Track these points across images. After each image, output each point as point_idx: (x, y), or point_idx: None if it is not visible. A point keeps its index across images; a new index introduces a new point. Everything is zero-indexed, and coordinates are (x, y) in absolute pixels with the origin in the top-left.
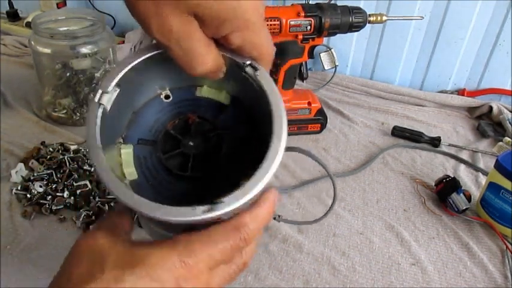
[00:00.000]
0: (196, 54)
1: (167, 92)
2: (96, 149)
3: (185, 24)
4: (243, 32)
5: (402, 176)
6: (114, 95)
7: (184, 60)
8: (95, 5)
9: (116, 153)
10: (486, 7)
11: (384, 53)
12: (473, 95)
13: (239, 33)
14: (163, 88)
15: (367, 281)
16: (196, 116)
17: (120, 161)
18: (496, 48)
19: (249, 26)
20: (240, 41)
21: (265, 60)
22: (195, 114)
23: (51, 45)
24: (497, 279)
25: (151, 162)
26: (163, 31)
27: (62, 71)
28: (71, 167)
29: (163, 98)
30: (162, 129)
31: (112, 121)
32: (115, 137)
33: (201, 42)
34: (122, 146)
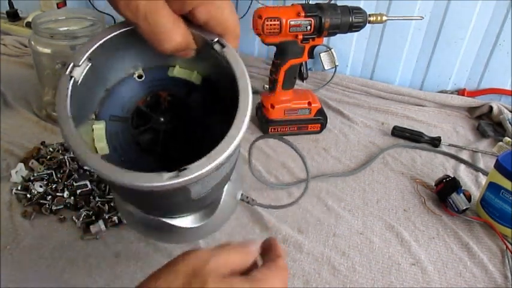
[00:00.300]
0: (164, 30)
1: (140, 71)
2: (67, 120)
3: (151, 1)
4: (207, 6)
5: (402, 176)
6: (86, 69)
7: (153, 37)
8: (95, 5)
9: (88, 129)
10: (486, 7)
11: (384, 53)
12: (473, 95)
13: (203, 7)
14: (137, 68)
15: (367, 281)
16: (167, 94)
17: (92, 136)
18: (496, 48)
19: (213, 1)
20: (204, 16)
21: (231, 36)
22: (166, 92)
23: (51, 45)
24: (497, 279)
25: (122, 138)
26: (131, 8)
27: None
28: (71, 167)
29: (136, 77)
30: (134, 107)
31: (84, 97)
32: (87, 113)
33: (168, 18)
34: (94, 122)
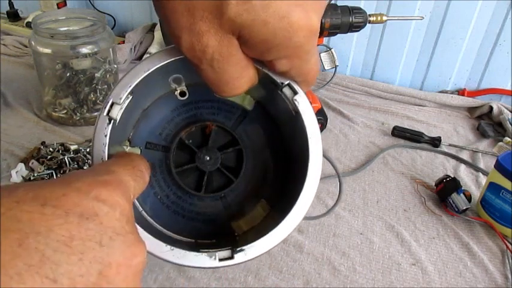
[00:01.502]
0: (231, 79)
1: (183, 88)
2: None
3: (224, 46)
4: (292, 59)
5: (402, 176)
6: (126, 104)
7: (215, 83)
8: (95, 5)
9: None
10: (486, 7)
11: (384, 53)
12: (474, 95)
13: (287, 60)
14: (179, 83)
15: (368, 281)
16: (215, 125)
17: None
18: (496, 48)
19: (300, 55)
20: (286, 68)
21: (307, 84)
22: (214, 123)
23: (51, 45)
24: (497, 279)
25: (160, 172)
26: (196, 50)
27: (62, 71)
28: (71, 167)
29: (178, 95)
30: (174, 135)
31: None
32: (121, 139)
33: (238, 66)
34: (127, 149)
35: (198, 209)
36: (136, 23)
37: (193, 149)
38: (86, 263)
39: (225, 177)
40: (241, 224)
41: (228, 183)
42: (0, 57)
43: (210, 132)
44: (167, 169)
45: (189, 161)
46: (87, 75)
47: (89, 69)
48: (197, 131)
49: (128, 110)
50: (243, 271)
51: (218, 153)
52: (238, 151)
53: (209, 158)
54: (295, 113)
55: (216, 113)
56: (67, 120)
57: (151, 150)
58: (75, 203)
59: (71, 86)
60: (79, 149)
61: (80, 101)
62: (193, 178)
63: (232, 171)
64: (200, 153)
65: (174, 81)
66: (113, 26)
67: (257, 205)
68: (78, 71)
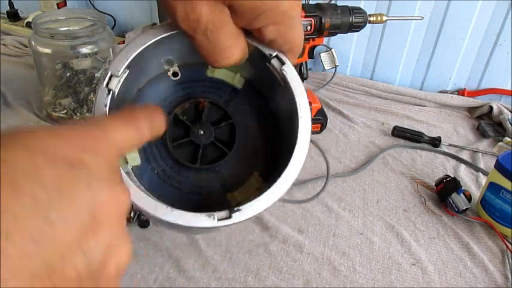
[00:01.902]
0: (224, 47)
1: (175, 68)
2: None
3: (216, 14)
4: (279, 26)
5: (402, 176)
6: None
7: (209, 53)
8: (95, 5)
9: None
10: (486, 7)
11: (384, 53)
12: (474, 95)
13: (274, 27)
14: (171, 64)
15: (368, 281)
16: (208, 101)
17: None
18: (496, 48)
19: (286, 21)
20: (274, 35)
21: (293, 54)
22: (207, 99)
23: (51, 45)
24: (497, 279)
25: (155, 147)
26: (190, 20)
27: (62, 71)
28: None
29: (171, 75)
30: (169, 112)
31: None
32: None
33: (230, 35)
34: None
35: (194, 182)
36: (137, 23)
37: (188, 124)
38: (77, 206)
39: (219, 150)
40: (235, 195)
41: (222, 155)
42: (0, 57)
43: (203, 108)
44: (163, 144)
45: (184, 136)
46: (87, 75)
47: (89, 69)
48: (191, 107)
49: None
50: (243, 271)
51: (211, 128)
52: (230, 125)
53: (203, 132)
54: (284, 82)
55: (208, 92)
56: (67, 120)
57: None
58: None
59: (71, 86)
60: None
61: (80, 101)
62: (188, 152)
63: (226, 144)
64: (194, 128)
65: (166, 62)
66: (113, 26)
67: (250, 177)
68: (78, 71)
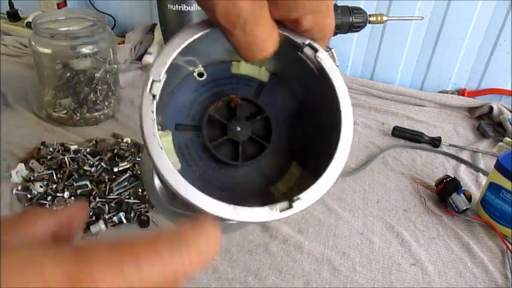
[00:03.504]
0: (260, 41)
1: (200, 69)
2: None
3: (257, 8)
4: (317, 14)
5: (402, 176)
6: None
7: (246, 47)
8: (95, 5)
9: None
10: (486, 7)
11: (384, 53)
12: (474, 95)
13: (312, 16)
14: (194, 64)
15: (368, 281)
16: (240, 98)
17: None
18: (497, 48)
19: (324, 9)
20: (311, 24)
21: (324, 41)
22: (238, 96)
23: (51, 46)
24: (497, 279)
25: (194, 150)
26: (231, 14)
27: (62, 71)
28: (71, 167)
29: (197, 76)
30: (202, 113)
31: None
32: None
33: (266, 27)
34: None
35: (236, 179)
36: (137, 23)
37: (224, 123)
38: None
39: (257, 145)
40: (278, 186)
41: (260, 149)
42: (0, 57)
43: (235, 105)
44: (201, 146)
45: (221, 134)
46: (87, 76)
47: (89, 70)
48: (223, 105)
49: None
50: (243, 271)
51: (247, 123)
52: (265, 119)
53: (240, 128)
54: (319, 71)
55: (236, 88)
56: (67, 121)
57: (182, 131)
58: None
59: (71, 86)
60: (79, 149)
61: (80, 101)
62: (227, 150)
63: (263, 137)
64: (231, 125)
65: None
66: (113, 26)
67: (290, 167)
68: (78, 71)
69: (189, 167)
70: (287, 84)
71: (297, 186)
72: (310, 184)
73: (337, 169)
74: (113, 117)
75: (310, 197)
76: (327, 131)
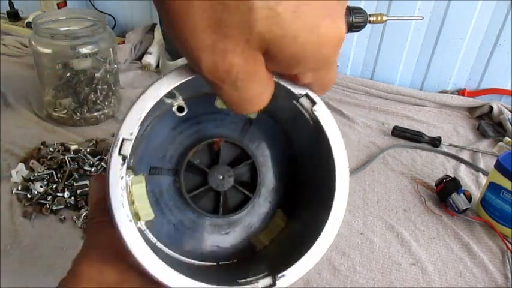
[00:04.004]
0: (254, 96)
1: (180, 102)
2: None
3: (250, 64)
4: (317, 71)
5: (402, 176)
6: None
7: (237, 102)
8: (96, 5)
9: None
10: (486, 7)
11: (384, 53)
12: (474, 95)
13: (312, 73)
14: (174, 97)
15: (368, 281)
16: (223, 140)
17: (132, 199)
18: (497, 48)
19: (326, 66)
20: (310, 80)
21: (324, 92)
22: (221, 138)
23: (51, 46)
24: (497, 279)
25: (169, 197)
26: (219, 70)
27: (63, 71)
28: (72, 167)
29: (176, 110)
30: (180, 155)
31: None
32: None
33: (261, 82)
34: (131, 179)
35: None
36: (137, 23)
37: (204, 170)
38: None
39: (241, 194)
40: (260, 238)
41: (244, 199)
42: (0, 57)
43: (218, 149)
44: (177, 193)
45: (201, 183)
46: (87, 75)
47: (89, 69)
48: (204, 149)
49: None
50: None
51: (231, 170)
52: (250, 165)
53: (222, 176)
54: (314, 122)
55: (219, 126)
56: (67, 120)
57: (157, 176)
58: None
59: (71, 86)
60: (79, 149)
61: (80, 101)
62: (207, 200)
63: (247, 186)
64: (212, 173)
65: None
66: (113, 26)
67: (274, 216)
68: (78, 71)
69: (164, 215)
70: (277, 123)
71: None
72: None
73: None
74: (113, 117)
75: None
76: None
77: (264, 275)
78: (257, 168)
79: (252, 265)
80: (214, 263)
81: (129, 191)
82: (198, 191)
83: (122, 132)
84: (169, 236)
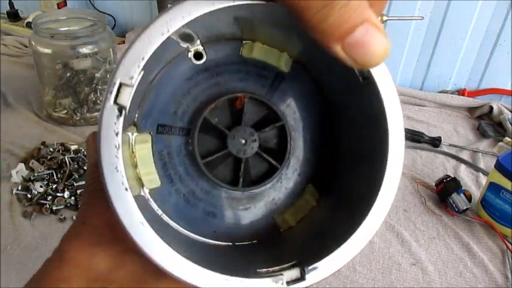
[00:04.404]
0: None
1: (198, 47)
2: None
3: None
4: None
5: (403, 176)
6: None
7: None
8: (96, 5)
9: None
10: (486, 7)
11: None
12: (474, 95)
13: None
14: (191, 40)
15: (368, 281)
16: (248, 96)
17: (134, 161)
18: (497, 48)
19: None
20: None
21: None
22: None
23: (51, 46)
24: (497, 279)
25: (179, 162)
26: None
27: (63, 71)
28: (72, 167)
29: (193, 57)
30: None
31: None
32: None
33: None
34: (135, 138)
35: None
36: (137, 23)
37: (223, 131)
38: None
39: (265, 163)
40: (286, 217)
41: (270, 169)
42: (0, 57)
43: (241, 107)
44: (189, 158)
45: (218, 147)
46: (88, 75)
47: (89, 69)
48: (224, 105)
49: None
50: None
51: (255, 134)
52: (278, 128)
53: (244, 141)
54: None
55: (244, 79)
56: (67, 120)
57: (166, 135)
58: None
59: (71, 86)
60: (79, 149)
61: (80, 101)
62: (225, 168)
63: (274, 154)
64: (233, 136)
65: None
66: (113, 26)
67: (304, 192)
68: (78, 71)
69: (172, 184)
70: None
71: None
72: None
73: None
74: None
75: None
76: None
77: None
78: (287, 132)
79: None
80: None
81: (132, 152)
82: (215, 156)
83: (119, 75)
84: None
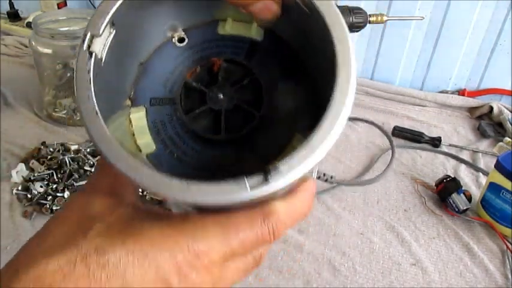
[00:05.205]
0: None
1: (180, 33)
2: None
3: None
4: None
5: (403, 176)
6: (110, 39)
7: None
8: (95, 5)
9: (122, 121)
10: (486, 7)
11: (384, 53)
12: (474, 95)
13: None
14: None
15: (368, 281)
16: (223, 60)
17: (131, 130)
18: (497, 48)
19: None
20: None
21: None
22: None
23: (51, 46)
24: (497, 279)
25: (171, 127)
26: None
27: (63, 71)
28: (72, 167)
29: (177, 41)
30: (180, 83)
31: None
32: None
33: None
34: (131, 110)
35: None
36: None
37: (203, 90)
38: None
39: (246, 115)
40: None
41: (251, 120)
42: (0, 57)
43: (218, 69)
44: (179, 123)
45: (201, 105)
46: None
47: None
48: (203, 71)
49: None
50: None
51: (232, 89)
52: (254, 82)
53: (222, 95)
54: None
55: (223, 52)
56: (67, 120)
57: (158, 106)
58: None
59: (72, 86)
60: (79, 149)
61: None
62: (209, 122)
63: (253, 105)
64: (211, 92)
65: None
66: None
67: (292, 140)
68: None
69: (166, 147)
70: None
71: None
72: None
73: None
74: None
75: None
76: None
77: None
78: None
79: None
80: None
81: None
82: (196, 112)
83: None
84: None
